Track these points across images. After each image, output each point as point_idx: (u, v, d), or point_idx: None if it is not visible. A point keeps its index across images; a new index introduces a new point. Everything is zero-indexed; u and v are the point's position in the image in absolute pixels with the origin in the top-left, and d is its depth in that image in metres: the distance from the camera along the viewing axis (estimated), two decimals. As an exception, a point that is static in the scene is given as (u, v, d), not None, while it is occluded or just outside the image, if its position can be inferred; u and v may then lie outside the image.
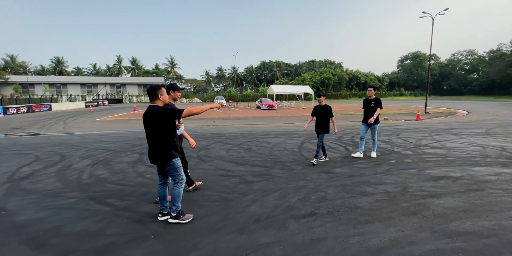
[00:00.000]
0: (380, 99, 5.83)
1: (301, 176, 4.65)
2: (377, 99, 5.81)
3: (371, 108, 5.82)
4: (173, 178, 2.87)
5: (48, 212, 3.29)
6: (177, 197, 2.87)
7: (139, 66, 69.71)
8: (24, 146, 8.48)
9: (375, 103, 5.78)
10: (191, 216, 2.97)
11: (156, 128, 2.69)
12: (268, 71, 78.30)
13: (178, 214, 2.89)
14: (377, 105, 5.74)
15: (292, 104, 34.43)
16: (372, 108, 5.80)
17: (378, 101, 5.76)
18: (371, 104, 5.84)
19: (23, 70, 61.69)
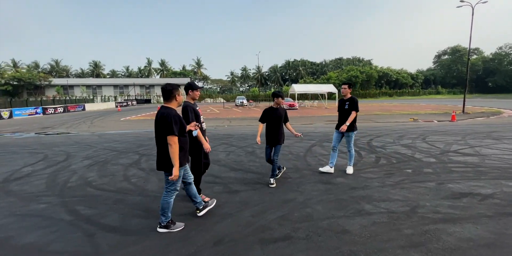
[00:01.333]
0: (356, 99, 4.50)
1: (293, 186, 4.10)
2: (353, 99, 4.50)
3: (345, 110, 4.50)
4: (167, 186, 2.67)
5: (11, 219, 3.15)
6: (166, 208, 2.71)
7: (168, 67, 72.46)
8: (42, 145, 8.88)
9: (350, 105, 4.46)
10: (182, 225, 2.80)
11: (160, 132, 2.52)
12: (293, 70, 76.93)
13: (168, 224, 2.73)
14: (352, 107, 4.42)
15: (315, 104, 33.20)
16: (346, 111, 4.48)
17: (354, 101, 4.44)
18: (345, 105, 4.53)
19: (66, 73, 67.27)
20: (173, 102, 2.63)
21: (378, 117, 16.74)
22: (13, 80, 45.44)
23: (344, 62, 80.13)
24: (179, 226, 2.76)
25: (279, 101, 4.13)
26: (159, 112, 2.56)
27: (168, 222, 2.72)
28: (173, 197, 2.72)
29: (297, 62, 77.08)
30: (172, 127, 2.45)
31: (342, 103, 4.61)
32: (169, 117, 2.47)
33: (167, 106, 2.61)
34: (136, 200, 3.67)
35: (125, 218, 3.09)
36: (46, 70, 63.69)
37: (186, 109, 3.15)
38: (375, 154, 6.21)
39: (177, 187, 2.71)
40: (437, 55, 79.35)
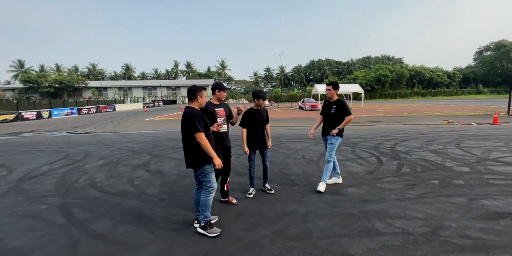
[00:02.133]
0: (345, 102, 3.83)
1: (298, 195, 3.74)
2: (341, 102, 3.82)
3: (331, 115, 3.88)
4: (203, 184, 2.74)
5: (10, 219, 3.18)
6: (204, 206, 2.69)
7: (193, 69, 74.59)
8: (68, 143, 9.36)
9: (337, 109, 3.81)
10: (219, 231, 2.70)
11: (186, 131, 2.63)
12: (317, 70, 75.17)
13: (206, 225, 2.70)
14: (342, 111, 3.77)
15: (339, 105, 31.92)
16: (332, 115, 3.85)
17: (343, 106, 3.77)
18: (331, 109, 3.89)
19: (101, 76, 72.12)
20: (195, 103, 2.75)
21: (407, 119, 15.55)
22: (55, 83, 49.60)
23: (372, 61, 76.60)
24: (216, 232, 2.68)
25: (260, 103, 3.70)
26: (184, 111, 2.68)
27: (207, 223, 2.69)
28: (212, 195, 2.72)
29: (322, 62, 75.17)
30: (196, 124, 2.54)
31: (327, 106, 3.99)
32: (192, 115, 2.58)
33: (190, 106, 2.74)
34: (132, 204, 3.57)
35: (115, 224, 2.98)
36: (84, 73, 68.77)
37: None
38: (397, 160, 5.61)
39: (214, 184, 2.72)
40: (478, 52, 72.60)
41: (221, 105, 3.39)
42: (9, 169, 5.73)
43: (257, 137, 3.78)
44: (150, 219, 3.09)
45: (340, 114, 3.81)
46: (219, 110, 3.32)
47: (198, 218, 2.83)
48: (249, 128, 3.76)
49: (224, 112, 3.37)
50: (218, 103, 3.37)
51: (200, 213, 2.72)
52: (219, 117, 3.30)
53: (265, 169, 3.96)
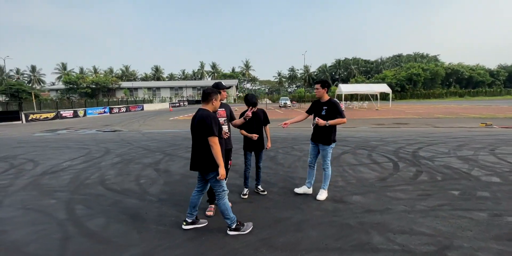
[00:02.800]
0: (337, 103, 3.47)
1: (297, 201, 3.55)
2: (332, 103, 3.46)
3: (321, 117, 3.49)
4: (214, 189, 2.69)
5: (19, 212, 3.40)
6: (225, 210, 2.66)
7: (218, 70, 76.09)
8: (94, 141, 9.97)
9: (329, 110, 3.45)
10: (251, 224, 2.76)
11: (200, 134, 2.58)
12: (344, 69, 72.71)
13: (237, 226, 2.68)
14: (333, 112, 3.41)
15: (364, 105, 30.51)
16: (322, 118, 3.47)
17: (335, 107, 3.42)
18: (321, 111, 3.53)
19: (133, 77, 76.39)
20: (209, 105, 2.69)
21: (439, 121, 14.38)
22: (92, 84, 53.46)
23: (404, 59, 72.37)
24: (249, 227, 2.70)
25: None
26: (198, 114, 2.64)
27: (237, 224, 2.67)
28: (226, 198, 2.68)
29: (349, 61, 72.56)
30: (212, 128, 2.51)
31: (317, 106, 3.62)
32: (209, 118, 2.53)
33: (204, 108, 2.68)
34: (131, 203, 3.63)
35: (109, 223, 3.04)
36: (118, 74, 73.27)
37: None
38: (416, 167, 5.15)
39: (225, 188, 2.69)
40: (529, 47, 65.19)
41: (222, 105, 3.33)
42: (36, 164, 6.20)
43: (252, 139, 3.68)
44: (142, 219, 3.12)
45: (331, 117, 3.44)
46: (220, 111, 3.26)
47: (187, 220, 2.81)
48: (246, 129, 3.68)
49: (224, 112, 3.32)
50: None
51: (225, 218, 2.68)
52: (219, 117, 3.23)
53: (257, 170, 3.90)
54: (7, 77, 64.49)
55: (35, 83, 68.10)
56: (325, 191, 3.67)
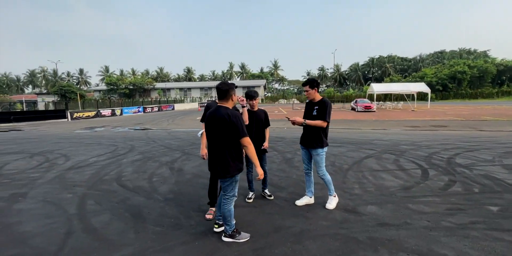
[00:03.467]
0: (328, 103, 3.19)
1: (303, 209, 3.30)
2: (323, 103, 3.19)
3: (312, 117, 3.23)
4: (225, 192, 2.53)
5: (38, 204, 3.62)
6: (229, 216, 2.53)
7: (247, 70, 76.82)
8: (123, 138, 10.55)
9: (318, 110, 3.18)
10: (248, 235, 2.59)
11: (222, 134, 2.37)
12: (377, 67, 68.86)
13: (233, 233, 2.56)
14: (321, 114, 3.14)
15: (399, 106, 28.46)
16: (313, 118, 3.22)
17: (324, 107, 3.15)
18: (313, 111, 3.25)
19: (167, 78, 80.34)
20: (229, 102, 2.51)
21: (485, 124, 12.82)
22: (130, 85, 57.25)
23: (447, 56, 66.37)
24: (245, 237, 2.56)
25: (251, 103, 3.49)
26: (219, 112, 2.38)
27: (233, 231, 2.56)
28: (233, 204, 2.56)
29: (383, 59, 68.53)
30: (243, 128, 2.34)
31: (309, 107, 3.34)
32: (236, 117, 2.33)
33: (225, 106, 2.46)
34: (137, 201, 3.68)
35: (111, 220, 3.10)
36: (153, 76, 77.57)
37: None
38: (449, 176, 4.55)
39: (235, 193, 2.57)
40: None
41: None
42: (67, 159, 6.67)
43: (254, 140, 3.48)
44: (143, 218, 3.12)
45: (320, 118, 3.13)
46: None
47: (218, 222, 2.73)
48: (247, 130, 3.52)
49: None
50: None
51: (225, 224, 2.57)
52: None
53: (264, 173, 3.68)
54: (59, 79, 71.97)
55: (82, 85, 74.95)
56: (334, 197, 3.36)
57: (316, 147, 3.23)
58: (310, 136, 3.26)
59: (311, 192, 3.50)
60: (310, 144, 3.27)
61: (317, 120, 3.17)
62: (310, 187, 3.49)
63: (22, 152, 7.73)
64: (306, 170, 3.46)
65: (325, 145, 3.26)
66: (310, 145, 3.28)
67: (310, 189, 3.49)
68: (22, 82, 78.29)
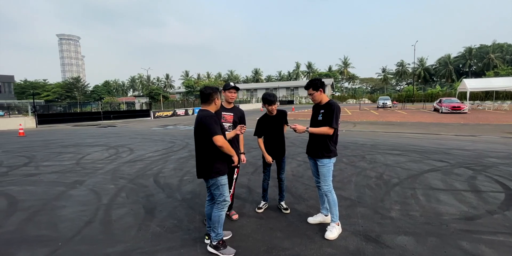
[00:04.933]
0: (335, 106, 2.68)
1: (313, 228, 2.82)
2: (329, 106, 2.70)
3: (318, 123, 2.76)
4: (215, 197, 2.52)
5: (85, 192, 4.22)
6: (216, 222, 2.44)
7: (314, 69, 74.49)
8: (184, 136, 11.60)
9: (325, 114, 2.70)
10: (233, 252, 2.41)
11: (200, 136, 2.44)
12: (477, 59, 56.26)
13: (218, 244, 2.43)
14: (326, 119, 2.67)
15: (504, 106, 22.37)
16: (320, 124, 2.73)
17: (330, 110, 2.67)
18: (318, 115, 2.78)
19: (236, 80, 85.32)
20: (211, 106, 2.52)
21: None
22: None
23: None
24: (229, 253, 2.38)
25: (270, 109, 3.15)
26: (198, 115, 2.48)
27: (219, 243, 2.43)
28: (225, 210, 2.48)
29: (486, 48, 55.50)
30: (213, 127, 2.33)
31: (315, 111, 2.87)
32: (206, 118, 2.37)
33: (204, 108, 2.52)
34: (158, 198, 3.88)
35: (127, 214, 3.33)
36: (225, 78, 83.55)
37: None
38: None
39: (226, 198, 2.49)
40: None
41: (233, 109, 3.10)
42: (131, 153, 7.70)
43: (275, 145, 3.25)
44: (152, 216, 3.25)
45: (325, 124, 2.66)
46: (226, 115, 3.03)
47: (210, 234, 2.56)
48: (266, 136, 3.28)
49: (231, 117, 3.05)
50: (229, 107, 3.10)
51: (212, 230, 2.47)
52: (224, 122, 3.00)
53: (279, 183, 3.37)
54: (151, 83, 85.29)
55: (168, 88, 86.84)
56: (336, 225, 2.73)
57: (322, 157, 2.74)
58: (315, 144, 2.80)
59: (327, 209, 2.97)
60: (316, 154, 2.80)
61: (322, 126, 2.68)
62: (325, 204, 2.97)
63: (104, 145, 9.33)
64: (317, 184, 2.97)
65: (332, 155, 2.74)
66: (315, 155, 2.81)
67: (325, 205, 2.98)
68: (125, 87, 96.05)
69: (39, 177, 5.23)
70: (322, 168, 2.76)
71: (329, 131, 2.65)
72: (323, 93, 2.79)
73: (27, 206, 3.69)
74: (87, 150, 8.24)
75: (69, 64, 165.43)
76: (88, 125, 19.69)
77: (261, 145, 3.28)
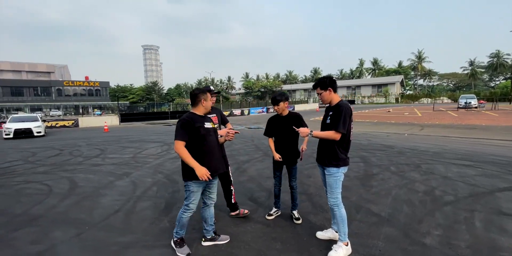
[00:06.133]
0: (345, 107, 2.35)
1: (318, 245, 2.49)
2: (338, 107, 2.38)
3: (326, 126, 2.44)
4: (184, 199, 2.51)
5: (127, 183, 4.74)
6: (177, 221, 2.49)
7: (380, 66, 67.83)
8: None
9: (332, 117, 2.38)
10: (187, 252, 2.42)
11: None
12: None
13: (176, 242, 2.51)
14: (334, 121, 2.34)
15: None
16: (328, 128, 2.41)
17: (338, 111, 2.35)
18: (327, 118, 2.48)
19: (294, 80, 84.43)
20: (199, 107, 2.48)
21: None
22: (261, 88, 64.61)
23: None
24: (183, 252, 2.41)
25: (275, 109, 3.00)
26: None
27: (178, 240, 2.48)
28: (187, 214, 2.45)
29: None
30: (176, 131, 2.33)
31: (326, 113, 2.57)
32: (178, 121, 2.37)
33: (192, 111, 2.51)
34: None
35: (147, 207, 3.59)
36: (283, 79, 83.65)
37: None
38: None
39: (191, 204, 2.43)
40: None
41: (214, 111, 3.14)
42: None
43: (284, 149, 3.03)
44: (169, 212, 3.42)
45: (332, 127, 2.35)
46: (212, 117, 3.03)
47: (205, 235, 2.62)
48: (276, 138, 3.11)
49: (216, 118, 3.14)
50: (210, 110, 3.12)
51: (175, 227, 2.50)
52: None
53: (291, 191, 3.13)
54: (214, 85, 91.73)
55: (229, 89, 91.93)
56: (344, 245, 2.34)
57: (329, 165, 2.41)
58: (323, 150, 2.49)
59: (335, 225, 2.61)
60: (323, 161, 2.48)
61: (329, 129, 2.35)
62: (334, 217, 2.61)
63: (162, 141, 10.41)
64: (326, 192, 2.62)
65: (341, 164, 2.38)
66: (322, 162, 2.49)
67: (336, 220, 2.61)
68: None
69: (101, 167, 6.16)
70: (328, 178, 2.44)
71: (334, 136, 2.32)
72: (332, 93, 2.46)
73: (81, 191, 4.37)
74: (146, 146, 9.32)
75: (150, 70, 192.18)
76: (158, 123, 22.38)
77: (270, 145, 3.13)
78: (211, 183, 2.56)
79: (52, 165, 6.56)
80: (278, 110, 3.00)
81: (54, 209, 3.61)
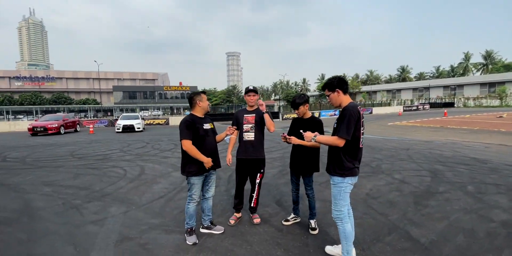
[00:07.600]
0: (349, 112, 2.09)
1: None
2: (343, 110, 2.15)
3: (334, 131, 2.19)
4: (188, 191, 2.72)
5: (177, 174, 5.40)
6: (186, 213, 2.71)
7: (496, 60, 54.14)
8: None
9: (338, 121, 2.15)
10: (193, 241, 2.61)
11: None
12: None
13: (186, 232, 2.72)
14: (338, 126, 2.12)
15: None
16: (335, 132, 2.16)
17: (342, 116, 2.11)
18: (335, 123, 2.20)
19: (376, 80, 76.54)
20: (196, 109, 2.66)
21: None
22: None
23: None
24: (191, 241, 2.62)
25: (299, 112, 2.92)
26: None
27: (189, 229, 2.70)
28: (192, 205, 2.67)
29: None
30: (181, 132, 2.53)
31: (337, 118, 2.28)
32: (180, 123, 2.58)
33: (191, 113, 2.73)
34: (216, 190, 4.37)
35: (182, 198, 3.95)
36: (363, 79, 77.10)
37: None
38: None
39: (193, 195, 2.65)
40: None
41: (255, 111, 3.15)
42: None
43: (300, 156, 2.91)
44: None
45: (337, 133, 2.14)
46: (248, 116, 3.12)
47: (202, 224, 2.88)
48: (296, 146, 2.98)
49: (253, 118, 3.11)
50: (251, 110, 3.17)
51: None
52: (246, 123, 3.09)
53: (308, 199, 2.98)
54: (289, 88, 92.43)
55: (304, 91, 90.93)
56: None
57: (333, 174, 2.19)
58: (329, 157, 2.28)
59: None
60: (327, 168, 2.27)
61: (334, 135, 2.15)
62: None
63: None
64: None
65: (347, 174, 2.13)
66: (327, 169, 2.27)
67: (339, 235, 2.34)
68: (269, 91, 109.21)
69: (167, 160, 7.20)
70: (333, 188, 2.23)
71: (337, 142, 2.10)
72: (342, 95, 2.24)
73: (144, 178, 5.26)
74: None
75: (232, 75, 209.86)
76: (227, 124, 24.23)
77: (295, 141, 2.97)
78: (209, 177, 2.80)
79: (136, 155, 8.07)
80: (299, 113, 2.94)
81: (120, 190, 4.49)
